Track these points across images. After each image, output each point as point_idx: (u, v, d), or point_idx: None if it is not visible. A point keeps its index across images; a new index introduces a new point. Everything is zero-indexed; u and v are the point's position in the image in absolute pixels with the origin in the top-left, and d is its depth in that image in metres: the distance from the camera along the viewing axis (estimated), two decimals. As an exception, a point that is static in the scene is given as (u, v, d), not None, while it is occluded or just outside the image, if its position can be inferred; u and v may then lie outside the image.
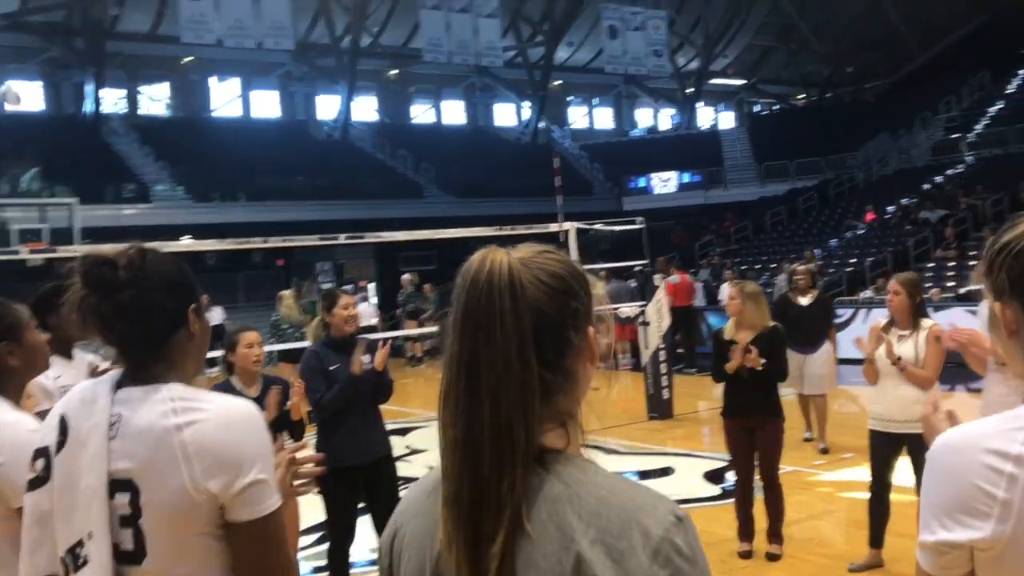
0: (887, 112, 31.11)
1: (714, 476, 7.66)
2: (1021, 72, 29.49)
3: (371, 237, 8.88)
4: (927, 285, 17.76)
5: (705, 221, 28.45)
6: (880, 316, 14.87)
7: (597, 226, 12.51)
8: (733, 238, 25.88)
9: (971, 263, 17.25)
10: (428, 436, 9.87)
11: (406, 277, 18.09)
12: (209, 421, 1.56)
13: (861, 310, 15.26)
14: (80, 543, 1.56)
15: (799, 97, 42.44)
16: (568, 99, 40.08)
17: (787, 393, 6.34)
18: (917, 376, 4.74)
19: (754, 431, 5.42)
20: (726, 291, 17.37)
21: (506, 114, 38.69)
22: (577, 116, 41.04)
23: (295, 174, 27.07)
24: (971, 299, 13.24)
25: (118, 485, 1.56)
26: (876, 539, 5.09)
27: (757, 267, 22.03)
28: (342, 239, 8.25)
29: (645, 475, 7.82)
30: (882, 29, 37.44)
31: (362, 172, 28.81)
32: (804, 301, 8.46)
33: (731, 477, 6.81)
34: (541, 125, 35.59)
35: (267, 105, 33.71)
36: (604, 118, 41.78)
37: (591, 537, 1.05)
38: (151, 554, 1.56)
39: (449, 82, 36.44)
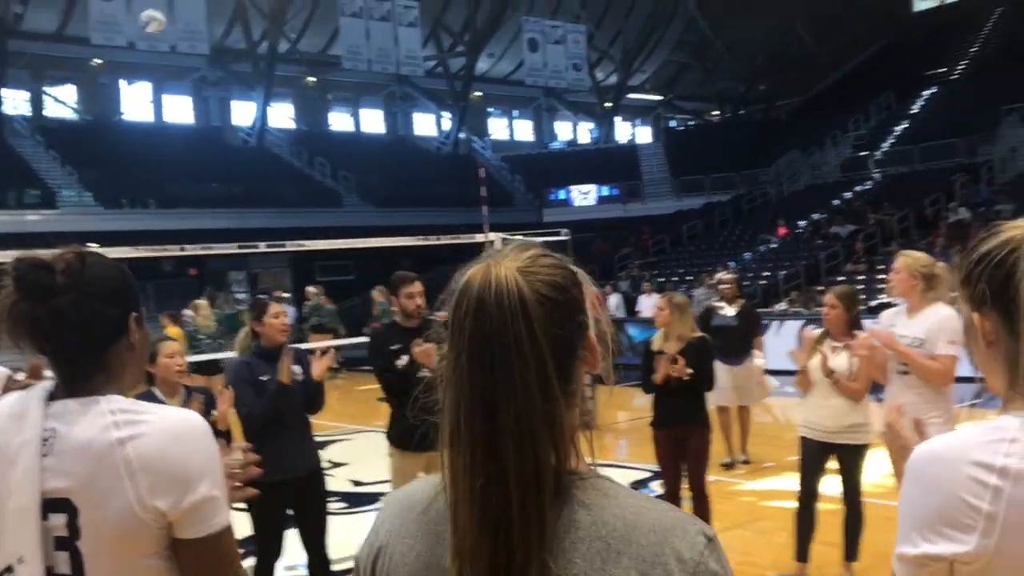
0: (798, 129, 32.03)
1: (638, 487, 7.67)
2: (924, 93, 30.69)
3: (292, 246, 8.65)
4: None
5: (624, 234, 28.79)
6: (794, 328, 15.12)
7: (518, 238, 12.48)
8: (651, 251, 26.24)
9: (880, 276, 17.80)
10: (348, 449, 9.68)
11: (311, 289, 17.81)
12: (154, 435, 1.47)
13: (775, 322, 15.58)
14: (9, 568, 1.46)
15: (713, 113, 43.39)
16: (488, 110, 40.19)
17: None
18: (849, 389, 4.80)
19: (683, 441, 5.43)
20: (644, 303, 17.61)
21: (426, 124, 38.59)
22: (497, 128, 41.18)
23: (209, 181, 26.47)
24: (879, 311, 13.60)
25: (53, 505, 1.45)
26: (802, 553, 5.12)
27: (675, 279, 22.35)
28: (263, 247, 8.01)
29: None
30: (793, 49, 38.62)
31: (279, 180, 28.36)
32: (730, 311, 8.39)
33: (656, 487, 6.83)
34: (461, 136, 35.57)
35: (180, 110, 32.89)
36: (524, 130, 42.02)
37: (624, 565, 0.97)
38: None
39: (368, 90, 36.17)
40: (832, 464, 5.05)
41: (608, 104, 38.55)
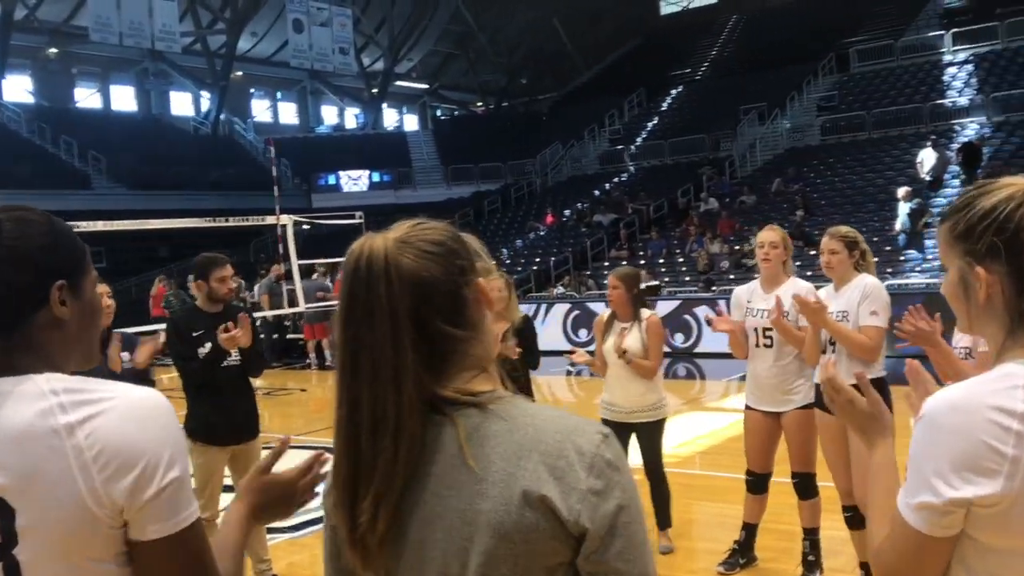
0: (559, 123, 33.30)
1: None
2: (672, 91, 32.88)
3: (87, 226, 7.83)
4: (604, 283, 19.32)
5: (397, 220, 28.77)
6: (561, 311, 15.76)
7: (306, 221, 12.25)
8: (424, 237, 26.40)
9: (641, 261, 19.02)
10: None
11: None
12: (111, 415, 1.24)
13: (543, 305, 16.29)
14: None
15: (478, 105, 44.23)
16: (251, 91, 38.71)
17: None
18: (642, 367, 4.92)
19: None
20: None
21: (183, 103, 36.59)
22: (260, 109, 39.76)
23: (-70, 158, 23.75)
24: (651, 294, 14.66)
25: None
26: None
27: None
28: (85, 227, 7.18)
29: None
30: (551, 45, 40.08)
31: (17, 159, 25.89)
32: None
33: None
34: (222, 117, 34.06)
35: None
36: (288, 113, 40.86)
37: (534, 460, 1.15)
38: None
39: (119, 65, 33.81)
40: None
41: (375, 90, 38.31)
